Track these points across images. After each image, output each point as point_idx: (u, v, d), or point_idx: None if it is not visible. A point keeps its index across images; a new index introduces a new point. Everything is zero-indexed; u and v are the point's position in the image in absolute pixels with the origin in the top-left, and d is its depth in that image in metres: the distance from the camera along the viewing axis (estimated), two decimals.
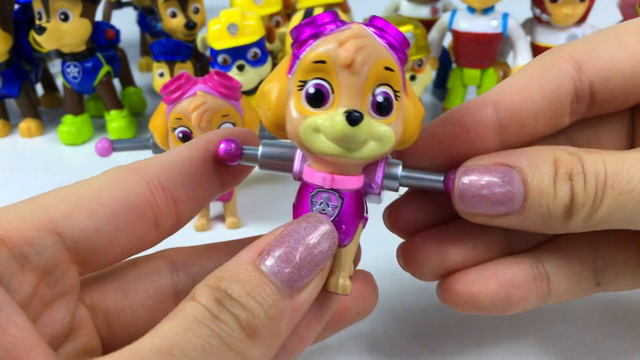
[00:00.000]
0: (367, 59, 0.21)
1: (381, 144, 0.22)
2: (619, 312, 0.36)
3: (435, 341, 0.34)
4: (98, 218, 0.22)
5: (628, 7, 0.57)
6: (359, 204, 0.25)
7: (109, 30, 0.63)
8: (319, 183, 0.24)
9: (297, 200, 0.25)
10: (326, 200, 0.24)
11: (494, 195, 0.24)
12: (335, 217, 0.24)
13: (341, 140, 0.22)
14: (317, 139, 0.22)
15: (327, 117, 0.22)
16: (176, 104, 0.38)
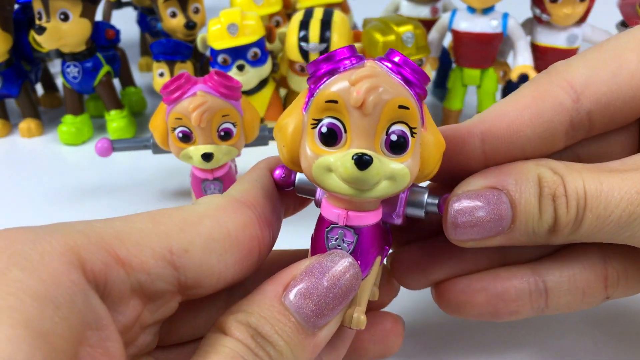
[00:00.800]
0: (379, 99, 0.21)
1: (395, 183, 0.22)
2: (622, 314, 0.36)
3: (435, 342, 0.34)
4: (211, 256, 0.22)
5: (628, 7, 0.57)
6: (376, 238, 0.25)
7: (109, 30, 0.63)
8: (334, 219, 0.24)
9: (314, 233, 0.25)
10: (341, 236, 0.24)
11: (485, 221, 0.24)
12: (351, 252, 0.24)
13: (352, 183, 0.22)
14: (330, 178, 0.22)
15: (338, 158, 0.22)
16: (176, 104, 0.38)
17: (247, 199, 0.24)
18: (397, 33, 0.51)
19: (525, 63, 0.55)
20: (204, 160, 0.39)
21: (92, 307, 0.18)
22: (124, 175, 0.54)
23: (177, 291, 0.22)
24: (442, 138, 0.24)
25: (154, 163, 0.54)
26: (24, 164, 0.58)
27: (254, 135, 0.41)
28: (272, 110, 0.58)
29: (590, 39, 0.56)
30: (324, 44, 0.53)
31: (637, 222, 0.22)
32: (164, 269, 0.21)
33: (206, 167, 0.40)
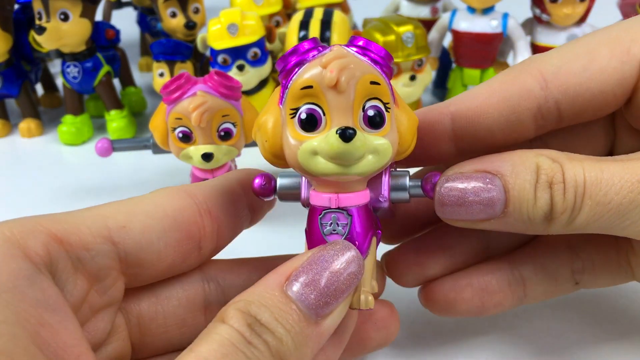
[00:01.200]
0: (352, 76, 0.22)
1: (379, 156, 0.23)
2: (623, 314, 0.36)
3: (435, 342, 0.34)
4: (150, 233, 0.23)
5: (628, 7, 0.57)
6: (369, 218, 0.25)
7: (109, 30, 0.63)
8: (326, 204, 0.24)
9: (308, 225, 0.25)
10: (335, 220, 0.24)
11: (474, 202, 0.24)
12: (347, 235, 0.24)
13: (338, 158, 0.22)
14: (316, 161, 0.23)
15: (322, 139, 0.22)
16: (176, 104, 0.38)
17: (190, 190, 0.26)
18: (397, 33, 0.51)
19: None
20: (204, 160, 0.39)
21: (41, 289, 0.19)
22: (124, 175, 0.54)
23: (120, 269, 0.23)
24: (414, 115, 0.25)
25: (154, 163, 0.54)
26: (24, 164, 0.58)
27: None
28: None
29: None
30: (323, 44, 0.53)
31: (638, 209, 0.22)
32: (102, 244, 0.22)
33: (206, 167, 0.40)
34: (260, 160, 0.49)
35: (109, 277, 0.22)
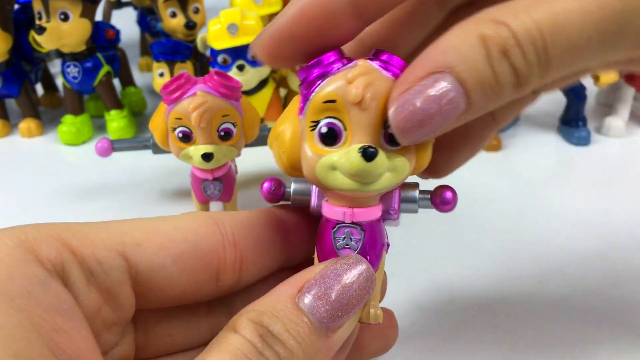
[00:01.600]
0: (376, 94, 0.22)
1: (396, 174, 0.23)
2: (623, 311, 0.36)
3: (435, 341, 0.34)
4: (165, 255, 0.22)
5: None
6: (380, 232, 0.25)
7: (109, 30, 0.63)
8: (340, 218, 0.24)
9: (319, 236, 0.25)
10: (348, 235, 0.24)
11: (436, 114, 0.21)
12: (359, 250, 0.24)
13: (358, 176, 0.22)
14: (334, 176, 0.22)
15: (342, 155, 0.22)
16: (176, 104, 0.38)
17: (218, 217, 0.24)
18: None
19: None
20: (204, 160, 0.39)
21: (55, 294, 0.19)
22: (124, 175, 0.54)
23: (131, 288, 0.22)
24: None
25: (154, 163, 0.54)
26: (24, 164, 0.58)
27: (254, 135, 0.41)
28: (272, 110, 0.58)
29: None
30: None
31: (609, 36, 0.20)
32: (115, 259, 0.21)
33: (206, 167, 0.40)
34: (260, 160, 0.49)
35: (123, 294, 0.22)
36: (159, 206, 0.49)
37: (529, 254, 0.42)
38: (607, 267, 0.40)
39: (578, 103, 0.59)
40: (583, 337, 0.34)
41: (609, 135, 0.60)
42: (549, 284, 0.38)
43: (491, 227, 0.45)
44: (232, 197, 0.45)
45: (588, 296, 0.37)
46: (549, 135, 0.61)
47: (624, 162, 0.56)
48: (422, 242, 0.43)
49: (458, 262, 0.41)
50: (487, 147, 0.58)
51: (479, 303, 0.37)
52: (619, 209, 0.47)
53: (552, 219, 0.46)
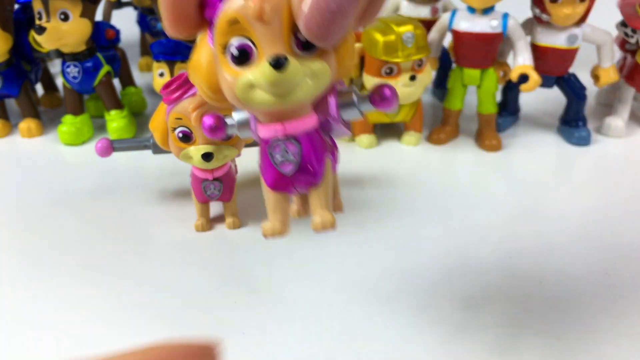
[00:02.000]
0: (276, 4, 0.22)
1: (317, 80, 0.23)
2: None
3: (434, 341, 0.34)
4: None
5: (628, 7, 0.57)
6: (319, 141, 0.25)
7: (109, 30, 0.63)
8: (272, 134, 0.24)
9: (260, 160, 0.26)
10: (284, 149, 0.24)
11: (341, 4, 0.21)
12: (299, 162, 0.24)
13: (275, 87, 0.22)
14: (255, 94, 0.23)
15: (256, 71, 0.22)
16: (176, 104, 0.38)
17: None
18: (397, 33, 0.51)
19: (525, 63, 0.55)
20: (204, 160, 0.39)
21: None
22: (124, 175, 0.54)
23: None
24: (351, 31, 0.24)
25: (154, 163, 0.54)
26: (24, 164, 0.58)
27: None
28: None
29: (590, 39, 0.56)
30: None
31: None
32: None
33: (206, 167, 0.40)
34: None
35: None
36: (159, 206, 0.49)
37: (529, 254, 0.42)
38: (607, 267, 0.40)
39: (578, 103, 0.59)
40: (583, 337, 0.34)
41: (609, 135, 0.60)
42: (549, 284, 0.39)
43: (491, 227, 0.45)
44: (232, 197, 0.45)
45: (588, 296, 0.37)
46: (549, 136, 0.61)
47: (624, 162, 0.56)
48: (421, 242, 0.43)
49: (458, 262, 0.41)
50: (487, 147, 0.58)
51: (479, 303, 0.37)
52: (619, 209, 0.47)
53: (552, 219, 0.46)
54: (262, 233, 0.27)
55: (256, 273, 0.40)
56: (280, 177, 0.26)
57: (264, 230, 0.27)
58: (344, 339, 0.34)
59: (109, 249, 0.43)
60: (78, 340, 0.34)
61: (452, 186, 0.52)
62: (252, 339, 0.34)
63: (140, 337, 0.34)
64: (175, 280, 0.39)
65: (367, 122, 0.58)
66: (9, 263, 0.41)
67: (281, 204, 0.27)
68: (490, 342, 0.34)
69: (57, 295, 0.38)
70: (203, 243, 0.44)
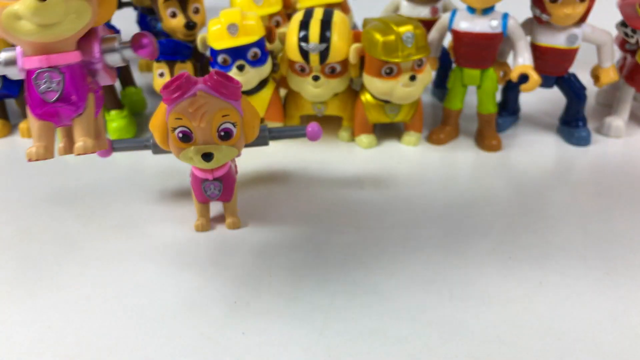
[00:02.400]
0: None
1: (79, 16, 0.26)
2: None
3: (434, 341, 0.34)
4: None
5: (628, 7, 0.57)
6: (82, 77, 0.30)
7: (109, 31, 0.63)
8: (37, 65, 0.27)
9: (26, 91, 0.30)
10: (48, 78, 0.28)
11: None
12: (62, 90, 0.28)
13: (37, 17, 0.25)
14: (20, 24, 0.25)
15: (20, 1, 0.25)
16: (176, 104, 0.38)
17: None
18: (397, 33, 0.51)
19: (525, 63, 0.55)
20: (204, 160, 0.39)
21: None
22: (124, 175, 0.54)
23: None
24: None
25: (154, 163, 0.55)
26: (24, 164, 0.58)
27: (254, 135, 0.41)
28: (272, 110, 0.58)
29: (590, 39, 0.56)
30: (324, 44, 0.53)
31: None
32: None
33: (206, 167, 0.40)
34: (260, 160, 0.49)
35: None
36: (159, 206, 0.49)
37: (529, 254, 0.42)
38: (607, 267, 0.40)
39: (578, 103, 0.59)
40: (583, 338, 0.34)
41: (609, 135, 0.60)
42: (549, 284, 0.39)
43: (491, 227, 0.45)
44: (233, 197, 0.45)
45: (588, 297, 0.38)
46: (549, 136, 0.61)
47: (624, 162, 0.56)
48: (421, 242, 0.43)
49: (457, 262, 0.41)
50: (486, 147, 0.58)
51: (479, 303, 0.37)
52: (619, 209, 0.48)
53: (552, 219, 0.46)
54: (27, 157, 0.30)
55: (256, 273, 0.40)
56: (45, 106, 0.29)
57: (28, 154, 0.30)
58: (344, 339, 0.34)
59: (108, 248, 0.43)
60: (78, 339, 0.34)
61: (453, 186, 0.52)
62: (252, 339, 0.34)
63: (140, 337, 0.34)
64: (175, 280, 0.39)
65: (367, 122, 0.58)
66: (8, 263, 0.42)
67: (46, 132, 0.30)
68: (490, 342, 0.34)
69: (57, 295, 0.38)
70: (203, 243, 0.44)
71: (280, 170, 0.54)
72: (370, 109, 0.57)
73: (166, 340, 0.34)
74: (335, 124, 0.61)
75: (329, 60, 0.54)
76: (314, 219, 0.46)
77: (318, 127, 0.46)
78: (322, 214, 0.47)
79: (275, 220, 0.46)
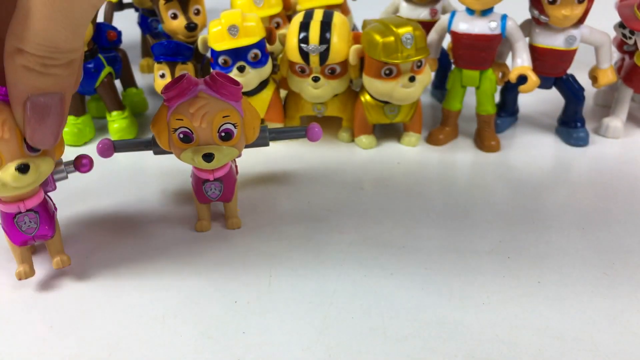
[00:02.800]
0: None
1: (48, 171, 0.34)
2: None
3: (434, 341, 0.34)
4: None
5: (626, 8, 0.57)
6: (48, 206, 0.37)
7: (110, 32, 0.63)
8: (16, 210, 0.35)
9: (4, 224, 0.36)
10: (27, 218, 0.36)
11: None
12: (39, 225, 0.36)
13: (18, 183, 0.32)
14: (2, 188, 0.32)
15: (1, 172, 0.32)
16: (177, 104, 0.38)
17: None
18: (396, 34, 0.51)
19: (524, 64, 0.55)
20: (204, 160, 0.39)
21: None
22: (124, 175, 0.54)
23: None
24: None
25: (154, 163, 0.55)
26: None
27: (255, 135, 0.42)
28: (273, 111, 0.58)
29: (589, 40, 0.57)
30: (323, 45, 0.54)
31: None
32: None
33: (207, 167, 0.41)
34: (260, 160, 0.49)
35: None
36: (159, 206, 0.49)
37: (527, 254, 0.42)
38: (605, 267, 0.40)
39: (576, 104, 0.59)
40: (582, 337, 0.34)
41: (607, 136, 0.61)
42: (548, 283, 0.39)
43: (490, 228, 0.45)
44: (233, 197, 0.45)
45: (586, 296, 0.38)
46: (548, 136, 0.61)
47: (622, 163, 0.56)
48: (421, 242, 0.43)
49: (457, 262, 0.41)
50: (486, 148, 0.58)
51: (478, 303, 0.37)
52: (617, 209, 0.48)
53: (551, 220, 0.46)
54: (17, 277, 0.38)
55: (256, 273, 0.40)
56: (24, 237, 0.37)
57: (18, 274, 0.38)
58: (344, 339, 0.34)
59: (108, 248, 0.43)
60: (78, 339, 0.35)
61: (452, 186, 0.52)
62: (252, 339, 0.34)
63: (140, 337, 0.35)
64: (175, 280, 0.40)
65: (367, 122, 0.58)
66: (9, 263, 0.42)
67: (27, 255, 0.38)
68: (489, 341, 0.34)
69: (57, 295, 0.38)
70: (203, 243, 0.44)
71: (280, 170, 0.54)
72: (370, 110, 0.57)
73: (166, 340, 0.34)
74: (335, 124, 0.61)
75: (329, 62, 0.54)
76: (314, 219, 0.47)
77: (318, 127, 0.47)
78: (322, 214, 0.47)
79: (275, 220, 0.47)
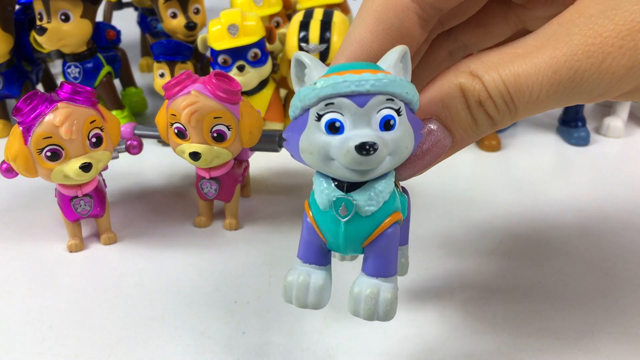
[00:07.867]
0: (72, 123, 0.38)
1: (105, 162, 0.41)
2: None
3: (434, 341, 0.34)
4: None
5: None
6: (104, 189, 0.44)
7: (109, 31, 0.63)
8: (74, 194, 0.41)
9: (61, 204, 0.42)
10: (82, 202, 0.41)
11: (427, 151, 0.26)
12: (92, 207, 0.42)
13: (81, 178, 0.39)
14: (66, 180, 0.39)
15: (67, 168, 0.38)
16: (173, 100, 0.38)
17: None
18: None
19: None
20: (191, 158, 0.39)
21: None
22: (124, 175, 0.54)
23: None
24: None
25: (154, 163, 0.55)
26: None
27: (253, 140, 0.41)
28: (273, 111, 0.58)
29: None
30: (323, 45, 0.54)
31: (564, 94, 0.24)
32: None
33: (198, 165, 0.41)
34: (261, 160, 0.49)
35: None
36: (161, 204, 0.49)
37: (528, 254, 0.42)
38: (606, 267, 0.40)
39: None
40: (582, 337, 0.34)
41: (608, 135, 0.60)
42: (548, 283, 0.39)
43: (490, 227, 0.45)
44: (233, 198, 0.45)
45: (587, 296, 0.38)
46: (548, 136, 0.61)
47: (623, 162, 0.56)
48: (421, 242, 0.43)
49: (457, 262, 0.41)
50: (486, 147, 0.58)
51: (478, 303, 0.37)
52: (618, 208, 0.48)
53: (551, 219, 0.46)
54: (68, 249, 0.42)
55: (256, 273, 0.40)
56: (77, 216, 0.42)
57: (69, 247, 0.42)
58: (344, 339, 0.34)
59: (109, 248, 0.43)
60: (78, 339, 0.34)
61: (452, 186, 0.52)
62: (252, 339, 0.34)
63: (140, 337, 0.35)
64: (175, 279, 0.40)
65: None
66: (11, 263, 0.42)
67: (77, 230, 0.43)
68: (489, 341, 0.34)
69: (57, 295, 0.38)
70: (203, 243, 0.44)
71: (280, 170, 0.54)
72: None
73: (166, 340, 0.34)
74: None
75: (329, 61, 0.54)
76: None
77: None
78: None
79: (275, 221, 0.47)
